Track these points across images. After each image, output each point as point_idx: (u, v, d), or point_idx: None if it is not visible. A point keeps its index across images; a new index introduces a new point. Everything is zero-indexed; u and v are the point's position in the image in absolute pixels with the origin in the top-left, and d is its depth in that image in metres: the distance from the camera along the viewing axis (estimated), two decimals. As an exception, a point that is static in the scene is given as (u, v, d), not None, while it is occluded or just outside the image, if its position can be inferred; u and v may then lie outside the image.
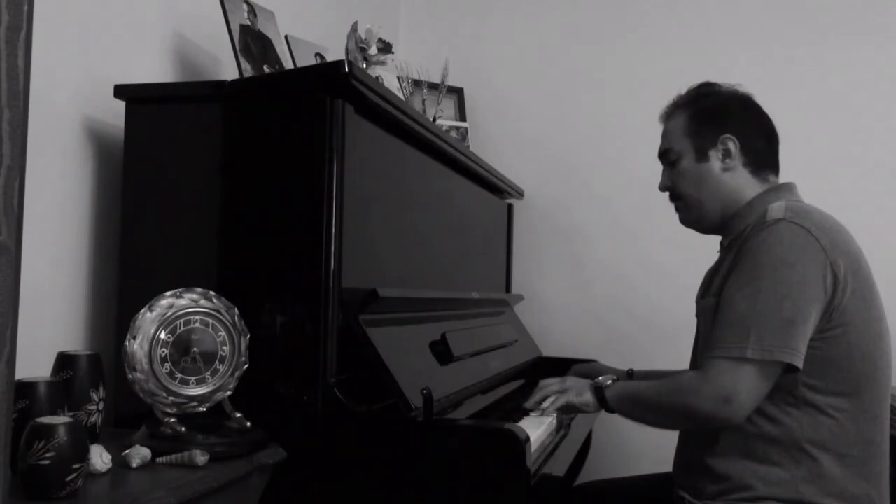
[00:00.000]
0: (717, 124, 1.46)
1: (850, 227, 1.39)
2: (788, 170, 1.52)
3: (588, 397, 1.48)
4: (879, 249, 1.65)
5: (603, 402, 1.46)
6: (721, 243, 1.50)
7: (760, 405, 1.29)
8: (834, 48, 2.44)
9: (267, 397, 1.29)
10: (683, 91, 1.55)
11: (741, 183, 1.45)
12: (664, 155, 1.54)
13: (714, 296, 1.38)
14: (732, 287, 1.31)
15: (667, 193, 1.55)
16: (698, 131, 1.47)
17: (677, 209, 1.54)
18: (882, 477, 1.33)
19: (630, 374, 1.82)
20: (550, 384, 1.56)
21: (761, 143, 1.47)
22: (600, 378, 1.51)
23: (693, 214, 1.51)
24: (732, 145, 1.44)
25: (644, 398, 1.41)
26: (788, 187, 1.45)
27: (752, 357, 1.24)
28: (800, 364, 1.25)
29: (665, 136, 1.54)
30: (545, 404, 1.52)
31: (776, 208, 1.35)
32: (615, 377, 1.52)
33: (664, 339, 2.44)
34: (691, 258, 1.67)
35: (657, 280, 2.53)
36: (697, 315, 1.49)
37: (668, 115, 1.55)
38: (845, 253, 1.30)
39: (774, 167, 1.49)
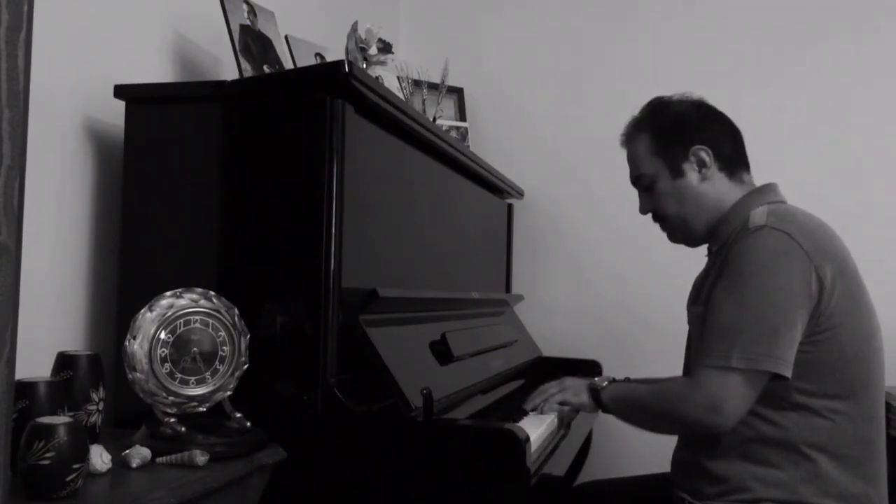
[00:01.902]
0: (683, 137, 1.45)
1: (844, 226, 1.38)
2: (783, 170, 1.52)
3: (584, 397, 1.50)
4: (873, 250, 1.65)
5: (598, 402, 1.48)
6: (709, 248, 1.50)
7: (756, 408, 1.29)
8: (831, 50, 2.44)
9: (267, 397, 1.29)
10: (637, 112, 1.53)
11: (721, 189, 1.44)
12: (637, 181, 1.52)
13: (703, 304, 1.37)
14: (718, 295, 1.31)
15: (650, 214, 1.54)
16: (666, 149, 1.46)
17: (663, 229, 1.53)
18: (880, 476, 1.33)
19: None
20: (549, 386, 1.58)
21: (729, 145, 1.46)
22: (597, 379, 1.53)
23: (680, 233, 1.50)
24: (705, 154, 1.44)
25: (637, 402, 1.43)
26: (771, 188, 1.44)
27: (738, 366, 1.24)
28: (786, 372, 1.25)
29: (632, 161, 1.53)
30: (544, 405, 1.55)
31: (758, 214, 1.34)
32: (613, 378, 1.53)
33: (664, 340, 2.43)
34: (691, 259, 1.67)
35: (657, 280, 2.52)
36: (689, 322, 1.49)
37: (628, 141, 1.54)
38: (831, 255, 1.30)
39: (745, 165, 1.49)
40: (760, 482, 1.29)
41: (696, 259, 1.61)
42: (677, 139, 1.45)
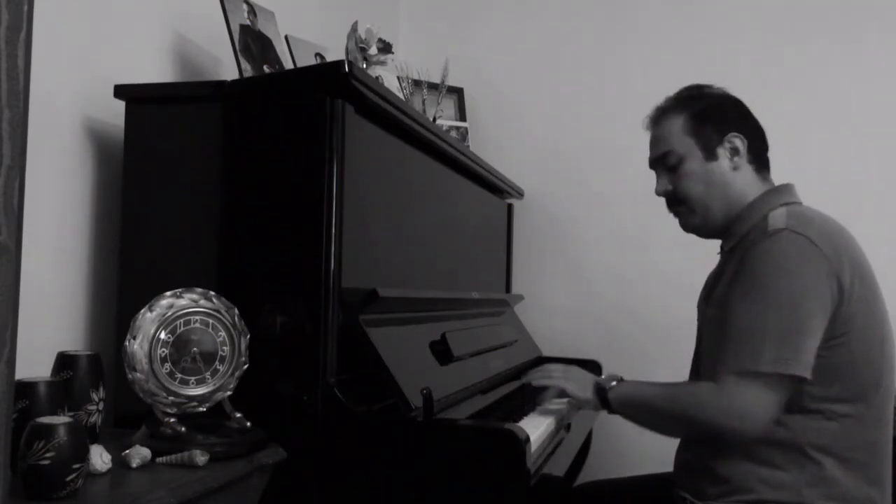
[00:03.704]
0: (721, 122, 1.44)
1: (850, 227, 1.38)
2: (788, 171, 1.52)
3: (589, 394, 1.47)
4: (879, 251, 1.65)
5: (605, 402, 1.45)
6: (722, 247, 1.49)
7: None
8: (831, 49, 2.44)
9: (267, 397, 1.29)
10: (669, 95, 1.52)
11: (747, 182, 1.43)
12: (662, 159, 1.49)
13: (716, 306, 1.36)
14: (736, 298, 1.29)
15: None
16: (702, 130, 1.44)
17: (678, 214, 1.51)
18: (885, 480, 1.32)
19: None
20: (554, 369, 1.54)
21: (759, 143, 1.46)
22: (604, 377, 1.50)
23: (698, 218, 1.47)
24: (740, 142, 1.43)
25: (651, 405, 1.40)
26: (787, 189, 1.44)
27: (766, 370, 1.22)
28: (809, 376, 1.24)
29: (659, 140, 1.50)
30: (546, 387, 1.52)
31: (778, 216, 1.33)
32: (620, 377, 1.49)
33: (664, 340, 2.44)
34: (692, 259, 1.67)
35: (657, 280, 2.53)
36: (700, 321, 1.48)
37: (657, 120, 1.51)
38: (849, 259, 1.29)
39: (768, 168, 1.49)
40: (764, 483, 1.28)
41: (697, 259, 1.62)
42: (715, 122, 1.44)
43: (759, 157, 1.45)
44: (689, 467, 1.41)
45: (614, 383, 1.46)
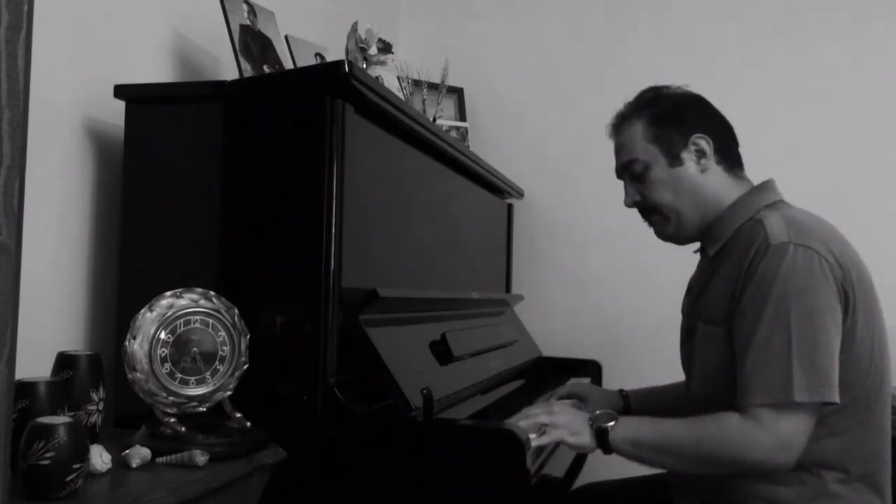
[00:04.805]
0: (682, 125, 1.38)
1: (848, 227, 1.37)
2: (778, 170, 1.51)
3: (586, 439, 1.29)
4: (877, 251, 1.65)
5: (604, 443, 1.28)
6: (704, 250, 1.44)
7: None
8: (827, 50, 2.44)
9: (267, 397, 1.29)
10: (628, 100, 1.48)
11: (719, 184, 1.38)
12: (627, 167, 1.43)
13: (718, 324, 1.30)
14: (749, 322, 1.22)
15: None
16: (664, 135, 1.38)
17: (652, 223, 1.46)
18: (886, 488, 1.30)
19: (624, 397, 1.73)
20: (537, 413, 1.34)
21: (727, 140, 1.41)
22: (599, 413, 1.32)
23: (672, 227, 1.42)
24: (705, 144, 1.37)
25: (669, 445, 1.26)
26: (769, 186, 1.39)
27: (800, 400, 1.16)
28: (839, 401, 1.19)
29: (622, 148, 1.45)
30: (533, 441, 1.27)
31: (776, 227, 1.26)
32: (614, 413, 1.33)
33: (664, 340, 2.43)
34: (691, 258, 1.67)
35: (658, 280, 2.52)
36: (685, 326, 1.44)
37: (618, 127, 1.46)
38: (850, 266, 1.25)
39: (740, 163, 1.43)
40: (765, 500, 1.26)
41: (695, 259, 1.61)
42: (675, 126, 1.38)
43: (728, 155, 1.40)
44: (687, 483, 1.39)
45: (613, 423, 1.28)
